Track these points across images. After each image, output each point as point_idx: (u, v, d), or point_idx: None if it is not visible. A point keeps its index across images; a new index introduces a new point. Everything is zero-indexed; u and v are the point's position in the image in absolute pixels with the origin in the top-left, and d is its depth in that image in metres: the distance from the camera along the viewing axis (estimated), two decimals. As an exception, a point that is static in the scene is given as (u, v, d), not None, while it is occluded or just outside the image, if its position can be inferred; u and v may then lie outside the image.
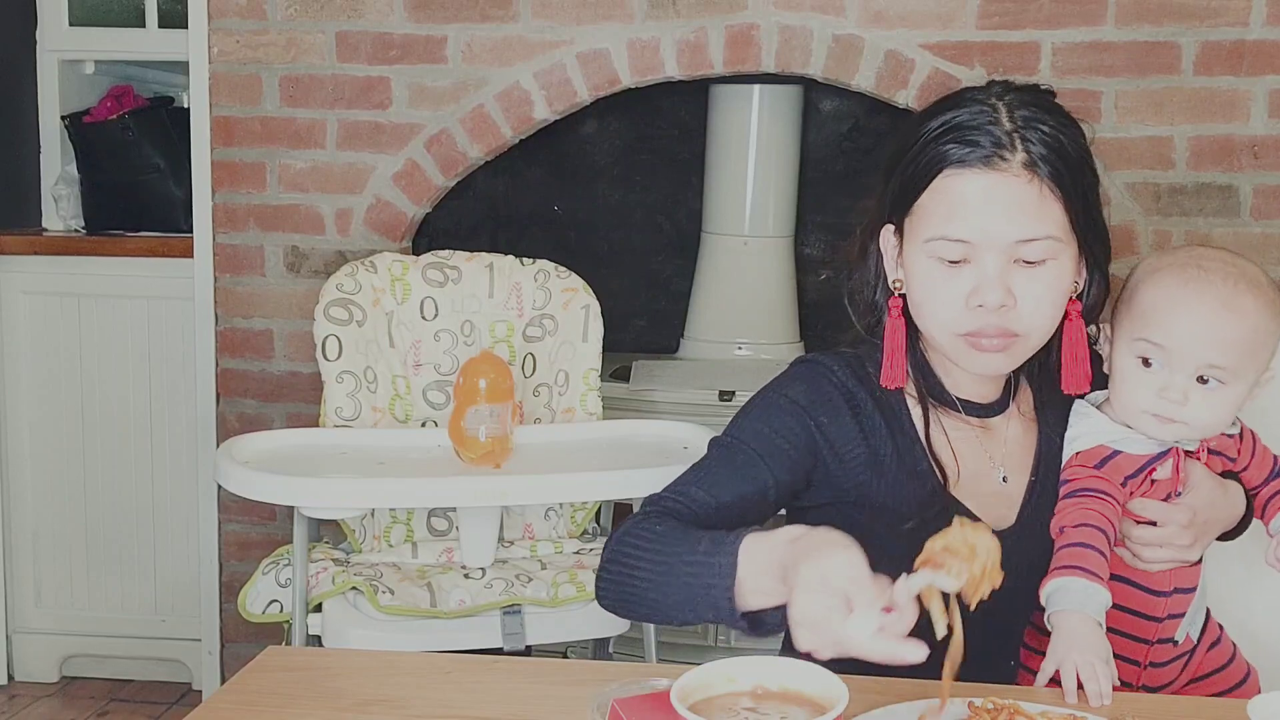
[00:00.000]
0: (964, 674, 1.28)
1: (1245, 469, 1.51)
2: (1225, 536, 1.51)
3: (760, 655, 1.13)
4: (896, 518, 1.39)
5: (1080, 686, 1.24)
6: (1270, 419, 1.55)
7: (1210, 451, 1.47)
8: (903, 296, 1.42)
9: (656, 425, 2.48)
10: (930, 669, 1.30)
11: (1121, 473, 1.42)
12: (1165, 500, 1.44)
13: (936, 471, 1.42)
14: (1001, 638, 1.48)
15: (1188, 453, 1.45)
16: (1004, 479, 1.46)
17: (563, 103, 2.86)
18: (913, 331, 1.44)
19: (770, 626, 1.21)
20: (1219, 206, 2.70)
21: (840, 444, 1.41)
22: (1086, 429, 1.45)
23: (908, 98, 2.73)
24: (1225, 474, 1.49)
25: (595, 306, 2.52)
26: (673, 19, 2.79)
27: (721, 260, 3.23)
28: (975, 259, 1.34)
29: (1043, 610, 1.43)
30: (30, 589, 3.23)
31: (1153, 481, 1.44)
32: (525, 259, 2.58)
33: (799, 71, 2.78)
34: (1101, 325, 1.47)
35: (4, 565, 3.20)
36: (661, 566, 1.27)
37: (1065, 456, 1.46)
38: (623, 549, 1.31)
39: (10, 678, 3.24)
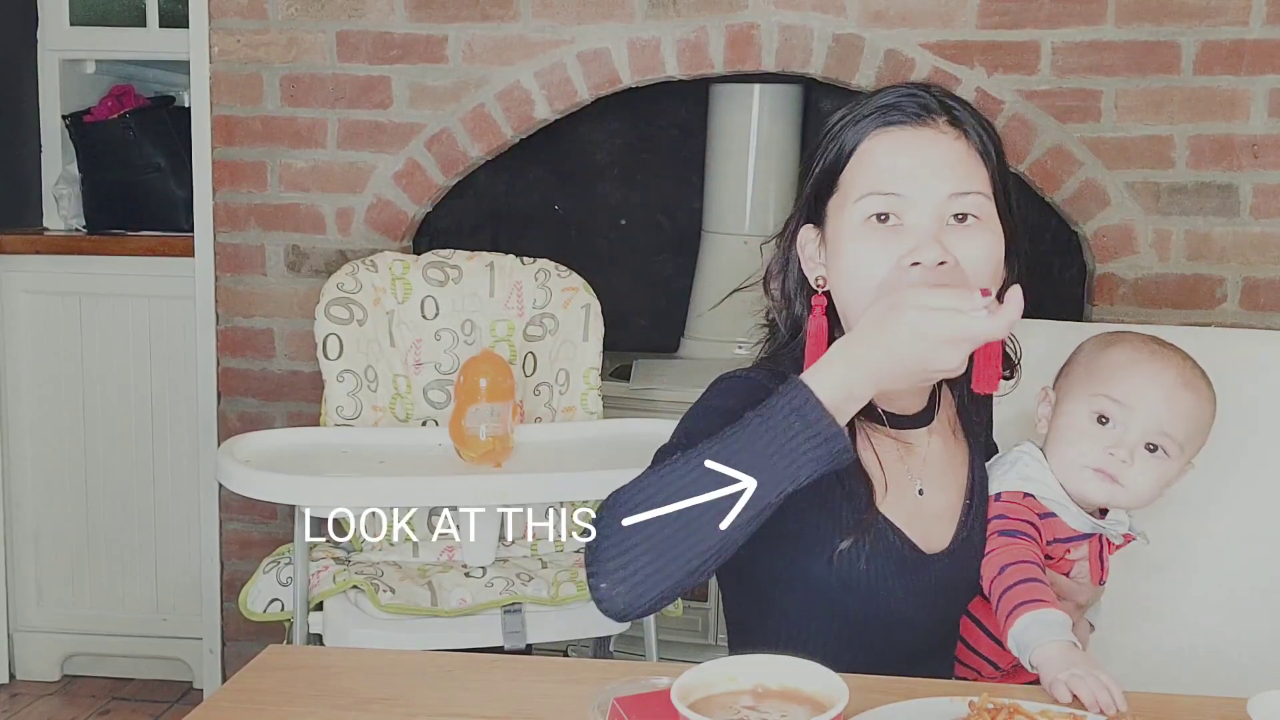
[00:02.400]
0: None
1: None
2: None
3: (760, 654, 1.14)
4: (830, 538, 1.34)
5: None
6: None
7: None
8: (826, 294, 1.37)
9: (657, 424, 2.48)
10: (930, 669, 1.31)
11: (1054, 533, 1.47)
12: (1067, 575, 1.48)
13: (864, 485, 1.35)
14: (935, 659, 1.47)
15: (1110, 544, 1.50)
16: (920, 491, 1.41)
17: (563, 102, 2.86)
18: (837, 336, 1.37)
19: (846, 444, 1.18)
20: (1218, 205, 2.70)
21: None
22: (1040, 479, 1.46)
23: (908, 97, 2.73)
24: None
25: (596, 306, 2.52)
26: (673, 18, 2.79)
27: (721, 260, 3.23)
28: (908, 219, 1.29)
29: (975, 620, 1.46)
30: (32, 588, 3.24)
31: (1066, 555, 1.49)
32: (526, 258, 2.59)
33: (799, 71, 2.79)
34: (1045, 389, 1.51)
35: (5, 564, 3.20)
36: (698, 478, 1.18)
37: (1004, 482, 1.47)
38: (632, 507, 1.22)
39: (12, 676, 3.25)
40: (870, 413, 1.36)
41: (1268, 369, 1.94)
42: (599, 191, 3.52)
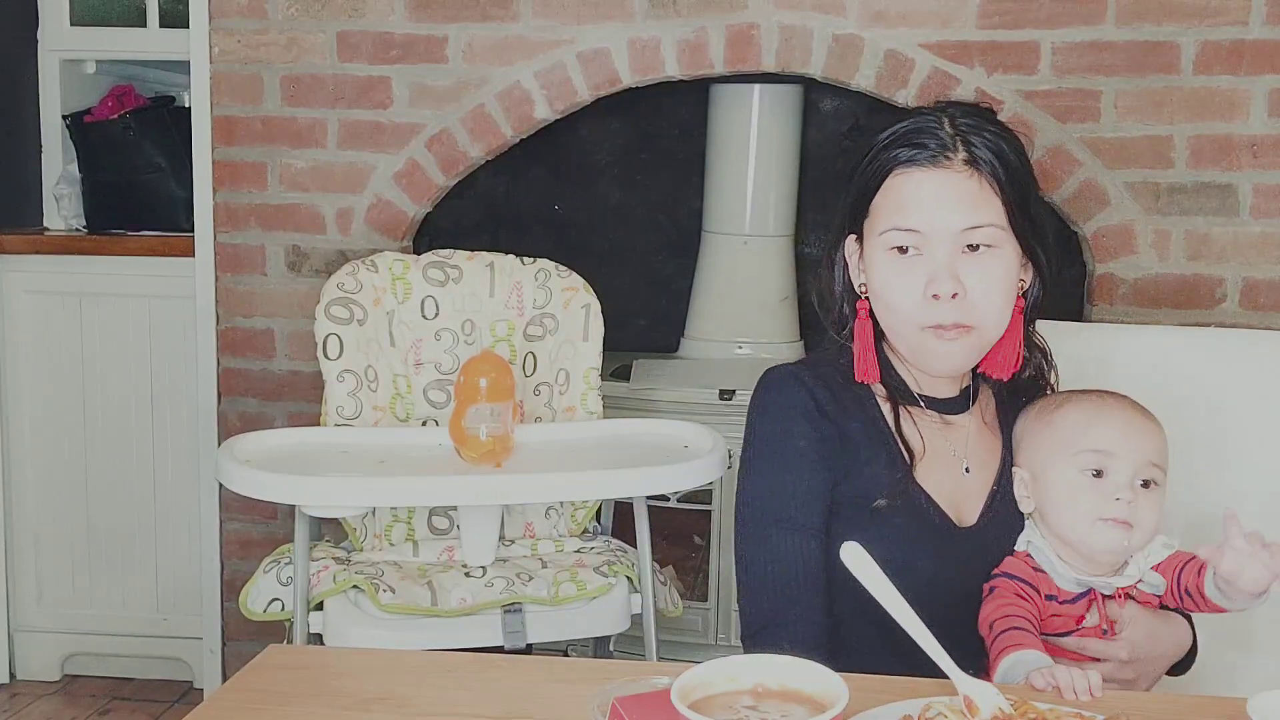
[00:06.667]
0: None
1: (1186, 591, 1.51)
2: (1177, 668, 1.55)
3: (760, 655, 1.14)
4: (868, 497, 1.50)
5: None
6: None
7: (1129, 596, 1.51)
8: (868, 299, 1.53)
9: (657, 424, 2.48)
10: (923, 669, 1.31)
11: (1049, 588, 1.49)
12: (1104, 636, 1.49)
13: (904, 452, 1.52)
14: (959, 642, 1.49)
15: (1106, 597, 1.50)
16: (966, 469, 1.56)
17: (563, 102, 2.86)
18: (878, 335, 1.56)
19: None
20: (1218, 205, 2.70)
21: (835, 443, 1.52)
22: (1036, 543, 1.52)
23: (908, 97, 2.73)
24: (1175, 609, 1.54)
25: (596, 305, 2.52)
26: (673, 18, 2.79)
27: (721, 260, 3.23)
28: (926, 250, 1.47)
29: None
30: (32, 587, 3.24)
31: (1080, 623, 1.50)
32: (526, 258, 2.58)
33: (799, 71, 2.79)
34: (1016, 471, 1.53)
35: (6, 564, 3.20)
36: None
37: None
38: None
39: (12, 676, 3.25)
40: (907, 396, 1.56)
41: (1268, 369, 1.94)
42: (599, 191, 3.52)
